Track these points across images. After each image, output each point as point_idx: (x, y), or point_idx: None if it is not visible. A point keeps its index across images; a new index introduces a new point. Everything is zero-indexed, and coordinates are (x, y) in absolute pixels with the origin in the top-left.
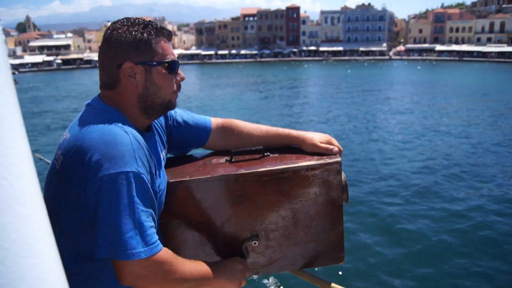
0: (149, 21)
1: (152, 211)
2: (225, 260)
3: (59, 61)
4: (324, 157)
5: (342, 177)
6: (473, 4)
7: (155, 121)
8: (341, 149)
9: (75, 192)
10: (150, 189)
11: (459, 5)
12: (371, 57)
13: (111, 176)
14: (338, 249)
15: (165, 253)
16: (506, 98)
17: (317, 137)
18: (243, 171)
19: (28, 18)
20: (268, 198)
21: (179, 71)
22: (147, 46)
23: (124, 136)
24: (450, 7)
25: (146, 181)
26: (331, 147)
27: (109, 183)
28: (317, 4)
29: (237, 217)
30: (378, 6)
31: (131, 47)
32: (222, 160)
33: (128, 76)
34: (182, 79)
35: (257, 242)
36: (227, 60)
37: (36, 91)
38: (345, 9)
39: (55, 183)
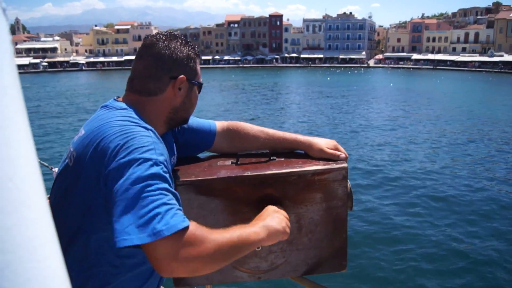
0: (191, 41)
1: (175, 195)
2: (260, 213)
3: (45, 63)
4: (330, 162)
5: (348, 184)
6: (453, 14)
7: None
8: (347, 155)
9: (91, 184)
10: (170, 177)
11: (441, 15)
12: (349, 65)
13: (130, 160)
14: (341, 257)
15: (193, 226)
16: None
17: (323, 143)
18: (248, 173)
19: (17, 21)
20: (272, 202)
21: None
22: (194, 65)
23: (144, 130)
24: (434, 17)
25: (166, 168)
26: (338, 153)
27: (127, 167)
28: (312, 12)
29: (241, 220)
30: (364, 15)
31: (185, 63)
32: (228, 162)
33: (177, 89)
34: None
35: (259, 246)
36: (211, 66)
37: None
38: (326, 18)
39: (67, 181)
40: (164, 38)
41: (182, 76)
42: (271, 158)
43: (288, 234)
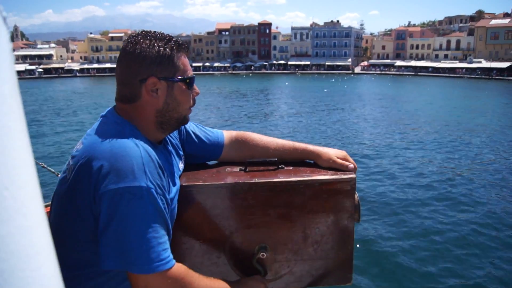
0: (170, 36)
1: (164, 226)
2: (245, 278)
3: (40, 70)
4: (339, 172)
5: (355, 196)
6: (439, 22)
7: (170, 134)
8: (356, 166)
9: (82, 202)
10: (161, 203)
11: (430, 22)
12: (335, 71)
13: (120, 190)
14: (346, 269)
15: (177, 269)
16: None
17: (333, 152)
18: (256, 180)
19: (15, 28)
20: (279, 210)
21: (194, 86)
22: (170, 62)
23: (134, 149)
24: (423, 24)
25: (156, 195)
26: (347, 163)
27: (117, 198)
28: (310, 19)
29: (247, 227)
30: (365, 22)
31: (155, 62)
32: (236, 169)
33: (150, 91)
34: (197, 94)
35: (265, 254)
36: (201, 72)
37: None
38: (314, 26)
39: (64, 192)
40: (132, 39)
41: (151, 77)
42: (280, 166)
43: None
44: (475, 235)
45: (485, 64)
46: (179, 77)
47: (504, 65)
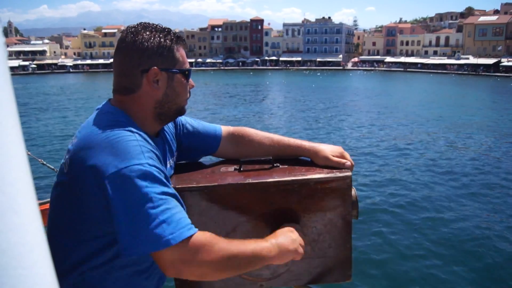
0: (168, 28)
1: (174, 197)
2: (275, 231)
3: (34, 66)
4: (334, 170)
5: (353, 192)
6: (430, 19)
7: (165, 128)
8: (353, 163)
9: (85, 194)
10: (164, 178)
11: (422, 19)
12: (326, 67)
13: (119, 172)
14: (346, 266)
15: (201, 234)
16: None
17: (329, 150)
18: (250, 181)
19: (9, 23)
20: (275, 210)
21: (190, 79)
22: (170, 53)
23: (129, 134)
24: (415, 21)
25: (158, 170)
26: (344, 161)
27: (119, 179)
28: (306, 15)
29: (243, 227)
30: (360, 18)
31: (156, 53)
32: (231, 169)
33: (152, 82)
34: (192, 86)
35: None
36: (194, 68)
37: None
38: (305, 22)
39: (63, 187)
40: (132, 30)
41: (153, 68)
42: (275, 165)
43: (300, 254)
44: (475, 233)
45: (472, 60)
46: (179, 68)
47: (491, 61)
